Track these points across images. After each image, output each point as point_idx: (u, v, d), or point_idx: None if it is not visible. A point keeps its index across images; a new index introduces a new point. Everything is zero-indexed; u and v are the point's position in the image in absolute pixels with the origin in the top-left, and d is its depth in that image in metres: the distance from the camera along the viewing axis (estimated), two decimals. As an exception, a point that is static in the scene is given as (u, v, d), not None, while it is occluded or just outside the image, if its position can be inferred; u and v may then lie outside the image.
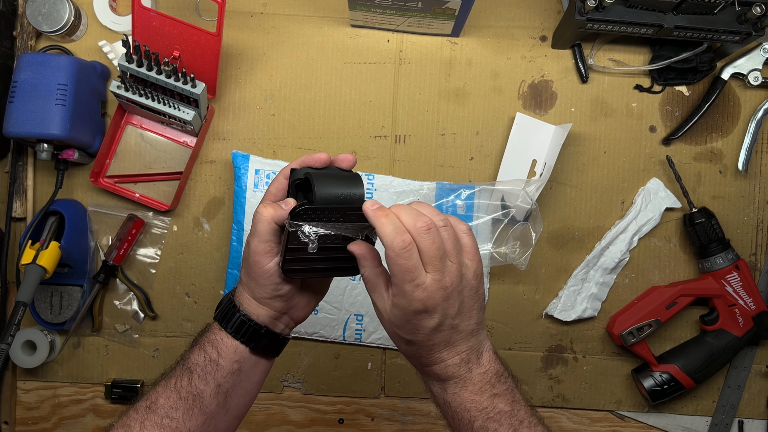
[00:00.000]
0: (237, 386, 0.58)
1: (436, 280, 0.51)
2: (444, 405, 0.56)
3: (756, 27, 0.79)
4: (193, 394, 0.55)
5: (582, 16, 0.79)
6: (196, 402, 0.55)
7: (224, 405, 0.57)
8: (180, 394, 0.55)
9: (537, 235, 0.84)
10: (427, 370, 0.57)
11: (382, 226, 0.51)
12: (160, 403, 0.55)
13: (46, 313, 0.88)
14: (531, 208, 0.84)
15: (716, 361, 0.86)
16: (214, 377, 0.56)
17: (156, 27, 0.79)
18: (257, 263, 0.56)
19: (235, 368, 0.57)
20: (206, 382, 0.56)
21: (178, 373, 0.57)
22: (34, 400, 0.91)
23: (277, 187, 0.59)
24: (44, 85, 0.78)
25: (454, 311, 0.53)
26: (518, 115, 0.88)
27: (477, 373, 0.55)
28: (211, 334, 0.58)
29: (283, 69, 0.90)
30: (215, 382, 0.56)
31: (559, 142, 0.84)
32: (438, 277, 0.51)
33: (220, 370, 0.56)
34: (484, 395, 0.54)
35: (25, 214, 0.89)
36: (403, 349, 0.57)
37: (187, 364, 0.57)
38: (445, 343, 0.55)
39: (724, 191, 0.90)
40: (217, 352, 0.57)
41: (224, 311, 0.58)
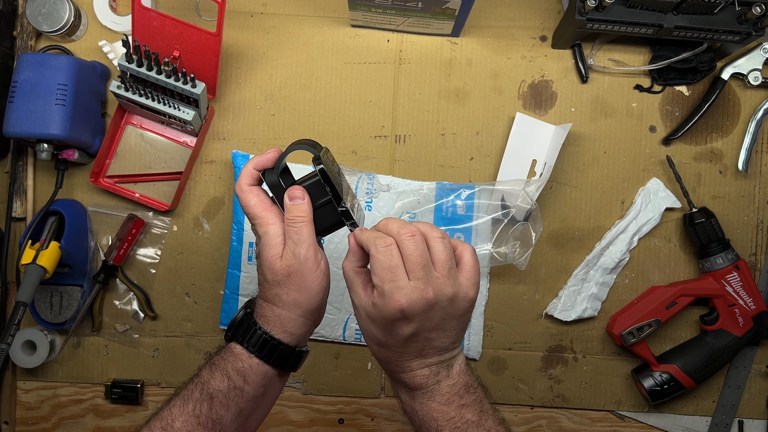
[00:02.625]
0: (258, 408, 0.56)
1: (418, 288, 0.50)
2: (411, 412, 0.56)
3: (756, 27, 0.79)
4: (213, 419, 0.54)
5: (582, 16, 0.79)
6: (216, 426, 0.54)
7: (243, 426, 0.56)
8: (199, 419, 0.54)
9: (537, 235, 0.84)
10: (395, 377, 0.56)
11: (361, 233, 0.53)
12: (176, 427, 0.53)
13: (46, 313, 0.88)
14: (531, 208, 0.84)
15: (716, 361, 0.86)
16: (237, 403, 0.54)
17: (156, 27, 0.79)
18: (310, 270, 0.54)
19: (260, 392, 0.56)
20: (228, 408, 0.54)
21: (197, 397, 0.54)
22: (34, 400, 0.91)
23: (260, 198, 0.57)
24: (44, 85, 0.78)
25: (431, 325, 0.52)
26: (518, 115, 0.88)
27: (446, 384, 0.55)
28: (236, 360, 0.55)
29: (283, 69, 0.90)
30: (237, 407, 0.54)
31: (559, 142, 0.85)
32: (420, 285, 0.50)
33: (244, 395, 0.55)
34: (451, 406, 0.54)
35: (25, 214, 0.89)
36: (374, 350, 0.56)
37: (208, 389, 0.54)
38: (416, 354, 0.54)
39: (724, 191, 0.90)
40: (243, 379, 0.55)
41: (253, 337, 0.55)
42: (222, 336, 0.90)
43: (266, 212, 0.56)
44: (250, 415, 0.56)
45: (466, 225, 0.87)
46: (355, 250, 0.55)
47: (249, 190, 0.57)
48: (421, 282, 0.50)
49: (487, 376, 0.91)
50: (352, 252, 0.55)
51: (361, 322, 0.56)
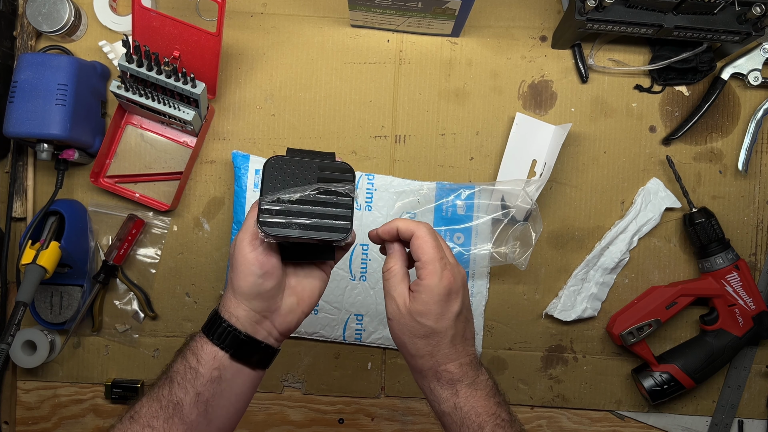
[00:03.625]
0: (218, 396, 0.56)
1: (456, 265, 0.57)
2: (453, 410, 0.56)
3: (756, 27, 0.79)
4: (173, 402, 0.55)
5: (582, 16, 0.79)
6: (176, 411, 0.55)
7: (205, 415, 0.56)
8: (161, 402, 0.55)
9: (537, 235, 0.84)
10: (442, 369, 0.57)
11: (422, 232, 0.56)
12: (142, 413, 0.55)
13: (46, 313, 0.88)
14: (531, 208, 0.84)
15: (716, 361, 0.86)
16: (193, 385, 0.55)
17: (156, 27, 0.79)
18: (241, 251, 0.55)
19: (215, 375, 0.55)
20: (186, 390, 0.55)
21: (161, 382, 0.56)
22: (34, 400, 0.92)
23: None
24: (44, 85, 0.78)
25: (467, 302, 0.58)
26: (518, 115, 0.88)
27: (483, 378, 0.57)
28: (193, 342, 0.57)
29: (283, 69, 0.90)
30: (194, 390, 0.55)
31: (558, 142, 0.85)
32: (455, 262, 0.57)
33: (199, 377, 0.55)
34: (491, 401, 0.56)
35: (25, 214, 0.89)
36: (420, 347, 0.56)
37: (169, 373, 0.56)
38: (462, 336, 0.57)
39: (724, 191, 0.90)
40: (196, 359, 0.56)
41: (209, 319, 0.58)
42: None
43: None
44: (210, 402, 0.56)
45: (466, 225, 0.87)
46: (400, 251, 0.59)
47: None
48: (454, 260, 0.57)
49: (487, 376, 0.91)
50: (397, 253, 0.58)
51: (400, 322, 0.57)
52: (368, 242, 0.88)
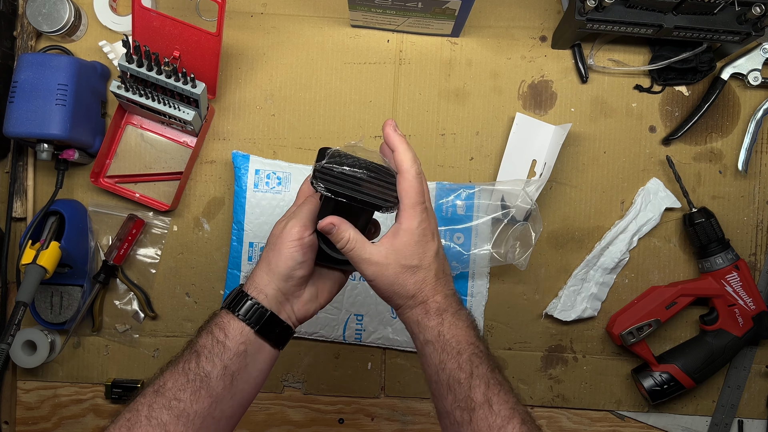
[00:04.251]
0: (243, 370, 0.59)
1: (431, 209, 0.61)
2: (436, 337, 0.59)
3: (756, 27, 0.79)
4: (201, 375, 0.56)
5: (582, 16, 0.79)
6: (204, 384, 0.56)
7: (230, 389, 0.58)
8: (188, 376, 0.56)
9: (537, 235, 0.84)
10: (431, 301, 0.60)
11: (405, 151, 0.58)
12: (168, 386, 0.56)
13: (46, 313, 0.88)
14: (531, 208, 0.84)
15: (716, 361, 0.86)
16: (221, 358, 0.57)
17: (156, 27, 0.79)
18: (289, 236, 0.59)
19: (241, 350, 0.58)
20: (213, 363, 0.57)
21: (186, 357, 0.58)
22: (34, 400, 0.92)
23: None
24: (44, 85, 0.79)
25: (441, 243, 0.62)
26: (518, 115, 0.88)
27: (464, 312, 0.61)
28: (218, 318, 0.60)
29: (283, 69, 0.90)
30: (222, 363, 0.57)
31: (558, 142, 0.85)
32: (431, 207, 0.61)
33: (227, 351, 0.57)
34: (471, 332, 0.59)
35: (25, 214, 0.89)
36: (409, 284, 0.59)
37: (195, 347, 0.58)
38: (443, 272, 0.61)
39: (723, 191, 0.90)
40: (224, 334, 0.58)
41: (232, 297, 0.60)
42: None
43: (302, 196, 0.64)
44: (235, 375, 0.58)
45: (466, 225, 0.87)
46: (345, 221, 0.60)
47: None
48: (431, 206, 0.61)
49: (487, 376, 0.91)
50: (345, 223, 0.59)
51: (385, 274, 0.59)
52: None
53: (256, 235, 0.86)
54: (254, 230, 0.86)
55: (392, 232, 0.59)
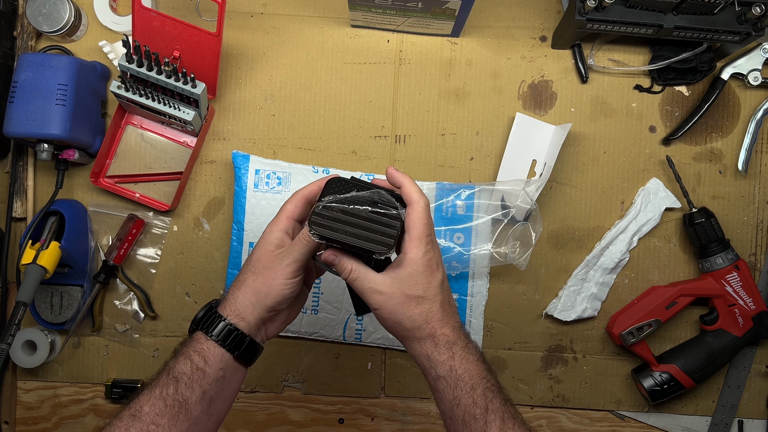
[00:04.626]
0: (220, 392, 0.60)
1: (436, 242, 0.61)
2: (448, 372, 0.59)
3: (756, 27, 0.79)
4: (179, 401, 0.57)
5: (582, 16, 0.79)
6: (182, 409, 0.57)
7: (208, 411, 0.59)
8: (166, 402, 0.57)
9: (537, 235, 0.84)
10: (439, 334, 0.60)
11: (412, 185, 0.60)
12: (145, 411, 0.56)
13: (46, 313, 0.88)
14: (531, 208, 0.84)
15: (716, 361, 0.86)
16: (200, 385, 0.58)
17: (156, 27, 0.79)
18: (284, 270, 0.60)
19: (220, 375, 0.59)
20: (192, 389, 0.57)
21: (164, 382, 0.58)
22: (34, 399, 0.92)
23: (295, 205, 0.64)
24: (44, 85, 0.79)
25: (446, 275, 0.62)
26: (518, 115, 0.88)
27: (473, 345, 0.61)
28: (196, 343, 0.60)
29: (283, 69, 0.90)
30: (201, 389, 0.58)
31: (558, 142, 0.85)
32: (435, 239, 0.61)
33: (206, 377, 0.58)
34: (481, 366, 0.60)
35: (25, 214, 0.89)
36: (415, 315, 0.59)
37: (173, 373, 0.58)
38: (448, 303, 0.61)
39: (723, 191, 0.90)
40: (204, 361, 0.59)
41: (209, 319, 0.61)
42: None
43: (287, 218, 0.63)
44: (214, 399, 0.59)
45: (466, 225, 0.87)
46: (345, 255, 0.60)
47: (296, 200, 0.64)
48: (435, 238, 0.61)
49: (487, 376, 0.91)
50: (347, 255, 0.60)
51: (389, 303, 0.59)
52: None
53: (256, 235, 0.86)
54: (254, 230, 0.86)
55: (397, 262, 0.60)
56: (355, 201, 0.58)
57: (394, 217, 0.59)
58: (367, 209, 0.58)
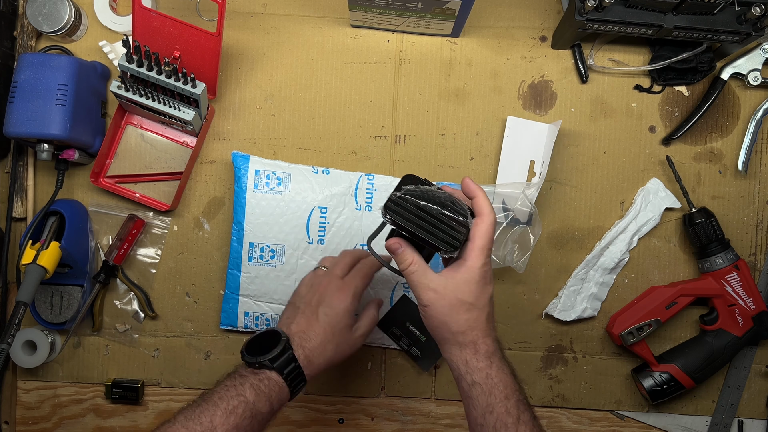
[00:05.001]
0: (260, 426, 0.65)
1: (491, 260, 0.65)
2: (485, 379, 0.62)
3: (756, 27, 0.79)
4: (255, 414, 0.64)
5: (582, 16, 0.79)
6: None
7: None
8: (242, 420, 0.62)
9: (536, 239, 0.84)
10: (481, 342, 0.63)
11: (485, 198, 0.63)
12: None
13: (46, 313, 0.88)
14: (531, 211, 0.84)
15: (716, 361, 0.86)
16: (267, 423, 0.65)
17: (156, 27, 0.79)
18: (362, 337, 0.74)
19: (276, 410, 0.66)
20: (261, 427, 0.64)
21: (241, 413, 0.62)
22: (34, 399, 0.92)
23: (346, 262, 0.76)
24: (44, 85, 0.79)
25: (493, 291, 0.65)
26: (509, 118, 0.88)
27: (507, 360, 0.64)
28: (281, 391, 0.66)
29: (283, 69, 0.90)
30: (264, 427, 0.65)
31: (551, 139, 0.85)
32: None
33: (272, 418, 0.66)
34: (514, 380, 0.63)
35: (25, 214, 0.89)
36: (462, 320, 0.62)
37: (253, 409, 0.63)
38: (492, 317, 0.64)
39: (723, 191, 0.90)
40: (279, 405, 0.66)
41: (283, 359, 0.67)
42: (221, 336, 0.90)
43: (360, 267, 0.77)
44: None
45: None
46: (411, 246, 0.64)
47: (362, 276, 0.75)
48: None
49: (487, 376, 0.91)
50: (410, 247, 0.64)
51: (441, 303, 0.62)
52: (368, 242, 0.88)
53: (256, 235, 0.86)
54: (254, 230, 0.86)
55: (455, 266, 0.62)
56: (428, 199, 0.61)
57: (461, 223, 0.61)
58: (438, 209, 0.61)
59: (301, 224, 0.87)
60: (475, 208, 0.63)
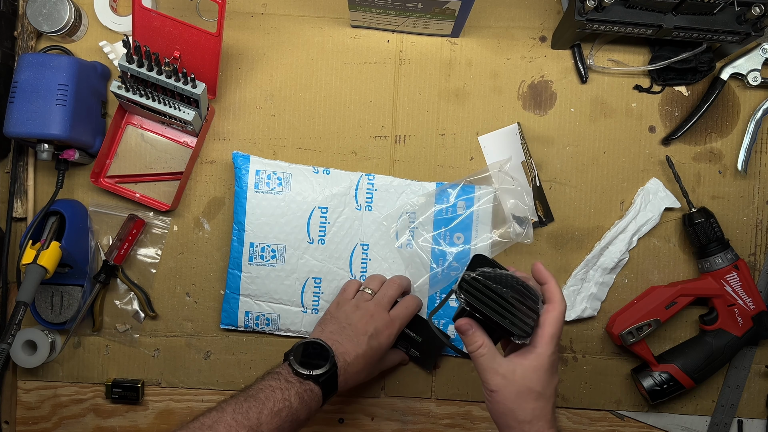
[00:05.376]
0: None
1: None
2: None
3: (755, 27, 0.79)
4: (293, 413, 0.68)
5: (581, 16, 0.79)
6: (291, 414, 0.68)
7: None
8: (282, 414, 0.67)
9: (530, 207, 0.85)
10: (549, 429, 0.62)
11: (556, 286, 0.64)
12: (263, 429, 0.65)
13: (46, 313, 0.88)
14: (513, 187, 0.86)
15: (716, 361, 0.86)
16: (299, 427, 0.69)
17: (156, 27, 0.79)
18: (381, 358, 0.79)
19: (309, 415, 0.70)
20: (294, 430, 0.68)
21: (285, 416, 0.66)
22: (34, 399, 0.92)
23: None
24: (45, 85, 0.79)
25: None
26: (480, 138, 0.89)
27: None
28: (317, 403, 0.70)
29: (283, 69, 0.90)
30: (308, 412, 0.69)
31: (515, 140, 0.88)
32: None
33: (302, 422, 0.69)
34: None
35: (25, 214, 0.89)
36: (529, 409, 0.61)
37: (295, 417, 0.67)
38: (556, 406, 0.64)
39: (723, 191, 0.90)
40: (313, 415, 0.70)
41: (329, 376, 0.71)
42: (221, 336, 0.90)
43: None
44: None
45: (467, 224, 0.87)
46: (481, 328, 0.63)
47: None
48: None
49: (487, 375, 0.91)
50: (480, 329, 0.63)
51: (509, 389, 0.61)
52: (369, 242, 0.88)
53: (257, 235, 0.87)
54: (255, 230, 0.87)
55: (523, 352, 0.62)
56: (501, 282, 0.61)
57: (533, 309, 0.61)
58: (512, 294, 0.61)
59: (302, 224, 0.87)
60: (546, 294, 0.64)
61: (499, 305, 0.60)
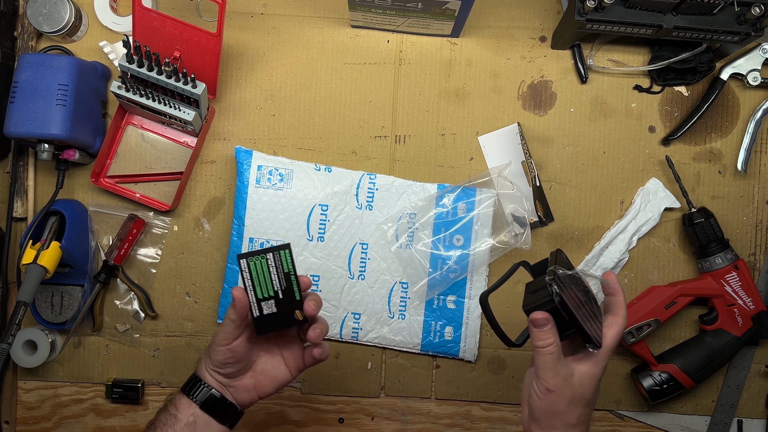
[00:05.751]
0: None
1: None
2: None
3: (755, 27, 0.79)
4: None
5: (581, 16, 0.79)
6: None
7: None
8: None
9: (529, 213, 0.85)
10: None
11: (623, 301, 0.65)
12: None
13: (46, 312, 0.88)
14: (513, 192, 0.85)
15: (715, 361, 0.86)
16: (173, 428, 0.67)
17: (157, 27, 0.79)
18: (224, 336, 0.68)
19: (190, 420, 0.68)
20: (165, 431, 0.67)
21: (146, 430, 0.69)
22: (34, 399, 0.92)
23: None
24: (45, 85, 0.79)
25: None
26: (480, 138, 0.89)
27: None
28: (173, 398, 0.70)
29: (283, 69, 0.90)
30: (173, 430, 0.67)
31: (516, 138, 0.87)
32: None
33: (177, 422, 0.68)
34: None
35: (25, 214, 0.89)
36: (577, 413, 0.63)
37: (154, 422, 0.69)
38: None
39: (723, 191, 0.90)
40: (176, 408, 0.69)
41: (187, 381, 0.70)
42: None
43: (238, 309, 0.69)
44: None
45: (466, 225, 0.87)
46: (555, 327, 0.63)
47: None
48: None
49: (487, 375, 0.91)
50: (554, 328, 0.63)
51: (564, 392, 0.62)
52: (368, 241, 0.88)
53: (257, 230, 0.87)
54: (255, 226, 0.87)
55: (581, 358, 0.63)
56: (580, 287, 0.62)
57: (600, 319, 0.63)
58: (582, 297, 0.61)
59: (302, 221, 0.87)
60: (613, 306, 0.65)
61: (582, 310, 0.61)
